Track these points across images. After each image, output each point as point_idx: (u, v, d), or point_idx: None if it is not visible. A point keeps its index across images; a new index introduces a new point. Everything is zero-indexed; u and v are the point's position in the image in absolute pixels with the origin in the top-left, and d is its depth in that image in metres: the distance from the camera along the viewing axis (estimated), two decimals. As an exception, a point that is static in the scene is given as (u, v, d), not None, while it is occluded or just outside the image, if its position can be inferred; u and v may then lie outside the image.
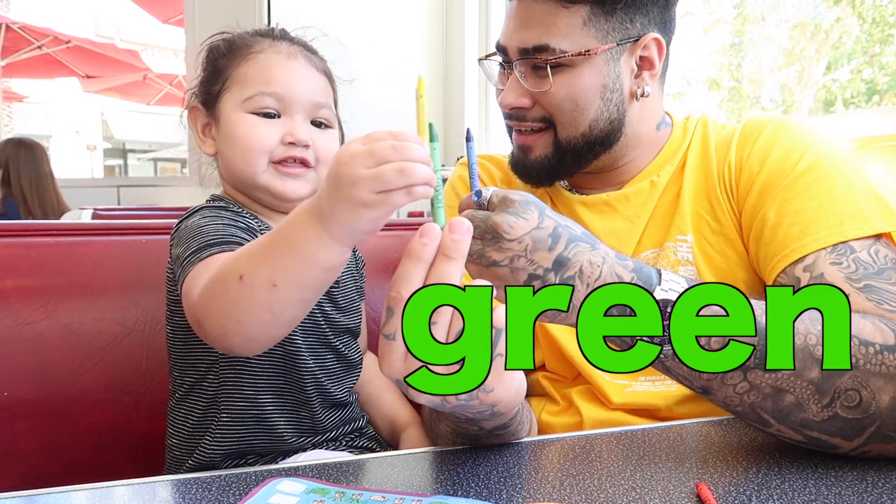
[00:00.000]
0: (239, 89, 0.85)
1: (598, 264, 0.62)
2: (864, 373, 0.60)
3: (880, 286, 0.71)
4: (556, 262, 0.61)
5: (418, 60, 2.53)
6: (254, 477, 0.58)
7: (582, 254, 0.61)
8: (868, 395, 0.59)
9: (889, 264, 0.73)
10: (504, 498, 0.55)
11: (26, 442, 0.97)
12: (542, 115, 0.87)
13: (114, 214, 3.00)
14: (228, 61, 0.87)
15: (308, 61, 0.88)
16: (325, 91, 0.89)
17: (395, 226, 1.33)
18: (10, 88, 10.82)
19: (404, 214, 2.42)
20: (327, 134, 0.87)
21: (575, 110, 0.85)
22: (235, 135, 0.83)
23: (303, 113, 0.85)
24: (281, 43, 0.88)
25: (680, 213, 0.87)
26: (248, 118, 0.83)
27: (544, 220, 0.61)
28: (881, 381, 0.60)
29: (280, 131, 0.83)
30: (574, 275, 0.61)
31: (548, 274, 0.60)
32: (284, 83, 0.84)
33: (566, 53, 0.82)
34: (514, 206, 0.60)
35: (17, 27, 6.33)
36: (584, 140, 0.87)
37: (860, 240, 0.75)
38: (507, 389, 0.56)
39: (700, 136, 0.92)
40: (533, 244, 0.60)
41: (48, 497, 0.55)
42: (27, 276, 1.00)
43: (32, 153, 3.39)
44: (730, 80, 2.57)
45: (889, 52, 1.94)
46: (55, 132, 13.60)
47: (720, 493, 0.55)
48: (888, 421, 0.60)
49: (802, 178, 0.80)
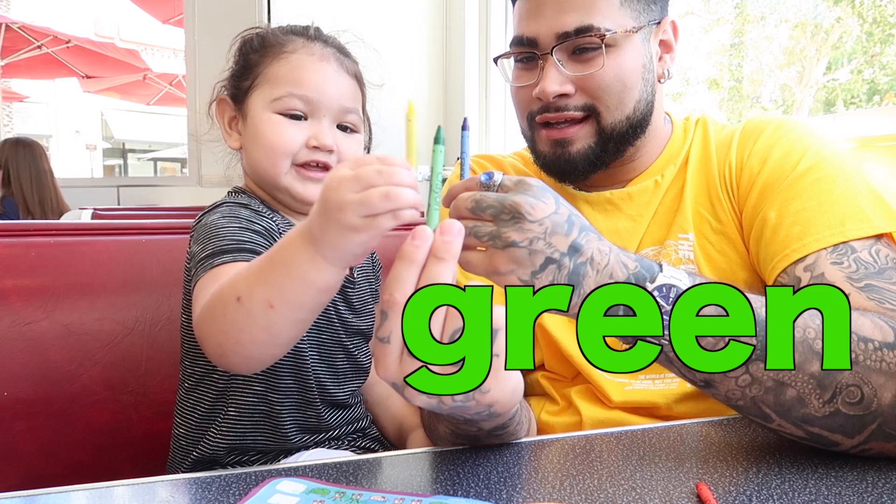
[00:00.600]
0: (269, 88, 0.85)
1: (606, 252, 0.62)
2: (865, 369, 0.60)
3: (882, 286, 0.71)
4: (572, 248, 0.60)
5: (418, 61, 2.53)
6: (254, 477, 0.58)
7: (592, 242, 0.62)
8: (870, 391, 0.59)
9: (890, 264, 0.73)
10: (504, 498, 0.54)
11: (26, 442, 0.97)
12: (585, 102, 0.85)
13: (114, 214, 3.00)
14: (261, 57, 0.87)
15: (340, 65, 0.88)
16: (354, 95, 0.89)
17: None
18: (10, 88, 10.83)
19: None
20: (352, 139, 0.88)
21: (623, 91, 0.84)
22: (262, 134, 0.84)
23: (330, 117, 0.85)
24: (315, 44, 0.88)
25: (682, 211, 0.87)
26: (275, 118, 0.83)
27: (560, 206, 0.61)
28: (882, 379, 0.60)
29: (306, 134, 0.83)
30: (586, 261, 0.61)
31: (563, 258, 0.60)
32: (314, 86, 0.84)
33: (612, 31, 0.82)
34: (532, 190, 0.60)
35: (17, 27, 6.33)
36: (628, 124, 0.86)
37: (861, 240, 0.75)
38: (504, 390, 0.56)
39: (701, 135, 0.92)
40: (552, 227, 0.59)
41: (48, 497, 0.55)
42: (27, 276, 1.00)
43: (31, 151, 3.39)
44: (730, 80, 2.57)
45: (889, 52, 1.94)
46: (55, 132, 13.60)
47: (720, 493, 0.55)
48: (889, 419, 0.59)
49: (803, 179, 0.80)
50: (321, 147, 0.83)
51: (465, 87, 2.42)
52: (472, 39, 2.42)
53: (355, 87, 0.89)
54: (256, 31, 0.90)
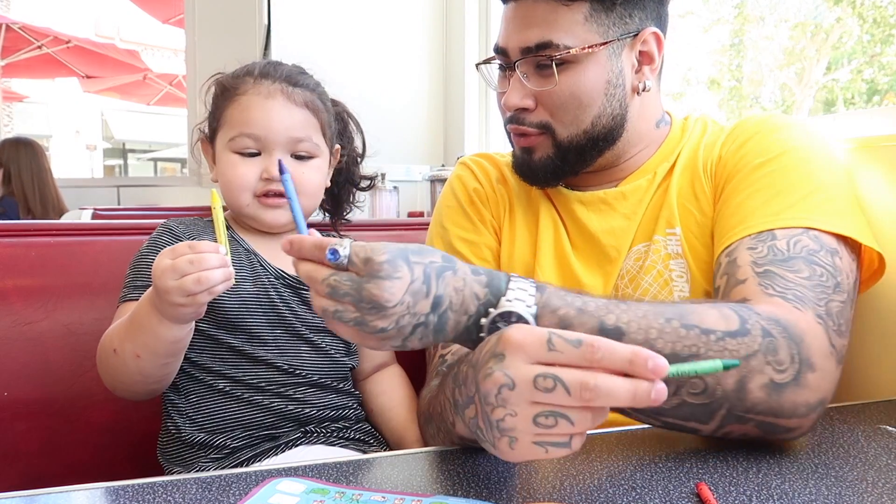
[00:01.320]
0: (227, 129, 0.94)
1: (461, 289, 0.61)
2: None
3: (778, 272, 0.71)
4: (434, 305, 0.60)
5: (418, 61, 2.53)
6: (254, 477, 0.58)
7: (448, 285, 0.61)
8: (712, 381, 0.61)
9: (803, 254, 0.72)
10: (504, 498, 0.55)
11: (26, 442, 0.97)
12: (541, 119, 0.87)
13: (114, 214, 3.00)
14: (221, 101, 0.96)
15: (287, 98, 0.93)
16: (305, 124, 0.94)
17: (395, 226, 1.34)
18: (10, 88, 10.83)
19: (404, 214, 2.42)
20: (307, 165, 0.95)
21: (578, 108, 0.85)
22: (223, 171, 0.94)
23: (280, 149, 0.92)
24: (263, 82, 0.93)
25: (668, 206, 0.88)
26: (232, 158, 0.93)
27: (414, 269, 0.59)
28: None
29: (259, 168, 0.92)
30: (446, 308, 0.61)
31: (428, 317, 0.60)
32: (261, 124, 0.91)
33: (570, 49, 0.82)
34: (383, 269, 0.57)
35: (17, 27, 6.33)
36: (586, 137, 0.86)
37: (787, 229, 0.75)
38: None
39: (698, 133, 0.92)
40: (413, 299, 0.58)
41: (48, 497, 0.55)
42: (27, 276, 1.00)
43: (32, 150, 3.42)
44: (730, 80, 2.57)
45: (889, 52, 1.94)
46: (55, 132, 13.59)
47: (720, 493, 0.55)
48: (736, 403, 0.61)
49: (759, 170, 0.81)
50: (272, 179, 0.91)
51: (465, 87, 2.42)
52: (472, 39, 2.42)
53: (306, 115, 0.94)
54: (217, 78, 0.98)
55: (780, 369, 0.62)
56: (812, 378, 0.63)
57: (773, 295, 0.68)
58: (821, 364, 0.64)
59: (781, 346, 0.62)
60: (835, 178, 0.80)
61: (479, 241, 0.96)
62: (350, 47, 2.39)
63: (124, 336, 0.79)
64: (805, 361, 0.63)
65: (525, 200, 0.98)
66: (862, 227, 0.77)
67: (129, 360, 0.79)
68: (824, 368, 0.64)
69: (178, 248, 0.71)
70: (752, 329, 0.63)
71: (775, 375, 0.61)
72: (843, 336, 0.69)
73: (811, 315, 0.67)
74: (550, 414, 0.49)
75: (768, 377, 0.61)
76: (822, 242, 0.73)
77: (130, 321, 0.78)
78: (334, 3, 2.34)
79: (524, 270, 0.94)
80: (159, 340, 0.77)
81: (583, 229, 0.92)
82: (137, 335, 0.77)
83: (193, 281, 0.69)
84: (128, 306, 0.86)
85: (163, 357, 0.79)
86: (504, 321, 0.60)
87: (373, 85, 2.44)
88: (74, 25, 11.33)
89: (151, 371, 0.80)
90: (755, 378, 0.61)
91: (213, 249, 0.70)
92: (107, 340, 0.82)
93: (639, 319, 0.62)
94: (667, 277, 0.85)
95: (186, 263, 0.69)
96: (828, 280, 0.70)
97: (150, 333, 0.76)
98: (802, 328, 0.65)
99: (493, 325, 0.60)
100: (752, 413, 0.62)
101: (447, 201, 1.01)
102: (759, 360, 0.61)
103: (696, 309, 0.64)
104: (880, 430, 0.70)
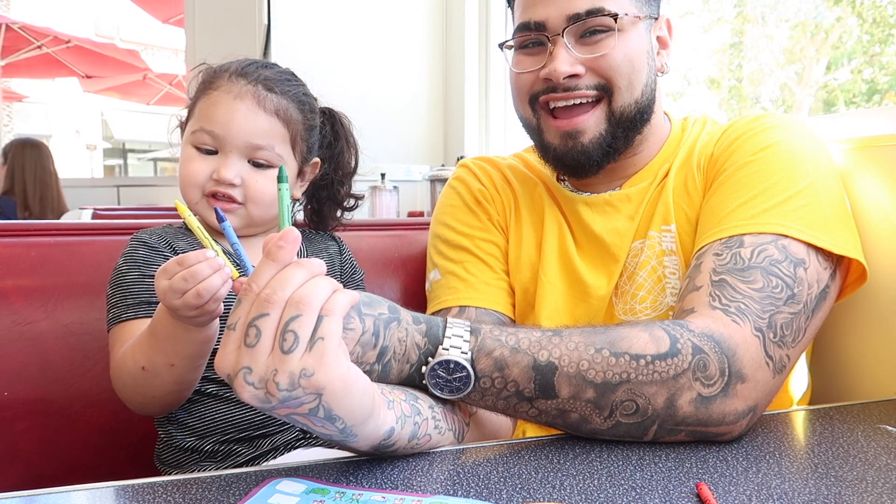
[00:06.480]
0: (192, 122, 0.92)
1: (404, 339, 0.65)
2: (637, 384, 0.65)
3: (731, 282, 0.72)
4: (380, 355, 0.63)
5: (418, 61, 2.53)
6: (254, 477, 0.58)
7: (393, 335, 0.64)
8: (643, 402, 0.65)
9: (764, 264, 0.73)
10: (504, 498, 0.55)
11: (26, 442, 0.97)
12: (597, 81, 0.86)
13: (114, 214, 3.01)
14: (198, 92, 0.93)
15: (257, 102, 0.89)
16: (268, 133, 0.90)
17: (395, 225, 1.33)
18: (10, 88, 10.82)
19: (404, 214, 2.42)
20: (263, 174, 0.91)
21: (632, 72, 0.86)
22: (180, 164, 0.92)
23: (237, 153, 0.89)
24: (236, 82, 0.90)
25: (664, 202, 0.89)
26: (190, 151, 0.91)
27: (364, 320, 0.61)
28: (654, 388, 0.65)
29: (212, 167, 0.89)
30: (390, 358, 0.64)
31: (374, 366, 0.63)
32: (222, 123, 0.89)
33: (625, 14, 0.84)
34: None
35: (17, 27, 6.33)
36: (636, 108, 0.87)
37: (758, 235, 0.75)
38: (330, 374, 0.51)
39: (696, 132, 0.93)
40: (363, 350, 0.62)
41: (48, 497, 0.55)
42: (27, 276, 1.00)
43: (38, 152, 3.49)
44: (730, 80, 2.57)
45: (889, 52, 1.94)
46: (55, 132, 13.58)
47: (720, 493, 0.55)
48: (667, 419, 0.65)
49: (742, 170, 0.81)
50: (221, 181, 0.89)
51: (465, 87, 2.42)
52: (472, 38, 2.41)
53: (273, 124, 0.90)
54: (201, 69, 0.95)
55: (708, 383, 0.65)
56: (742, 388, 0.66)
57: (717, 308, 0.71)
58: (752, 374, 0.67)
59: (711, 361, 0.66)
60: (820, 178, 0.79)
61: (487, 238, 0.97)
62: (350, 47, 2.39)
63: (151, 351, 0.77)
64: (736, 373, 0.66)
65: (529, 202, 0.98)
66: (840, 235, 0.77)
67: (163, 372, 0.77)
68: (756, 378, 0.67)
69: (169, 268, 0.70)
70: (683, 348, 0.66)
71: (703, 390, 0.65)
72: (785, 346, 0.70)
73: (748, 328, 0.69)
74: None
75: (696, 392, 0.65)
76: (788, 252, 0.74)
77: (152, 336, 0.77)
78: (334, 3, 2.34)
79: (531, 271, 0.95)
80: (192, 344, 0.76)
81: (587, 230, 0.92)
82: (166, 346, 0.76)
83: (194, 295, 0.69)
84: (124, 327, 0.85)
85: (198, 359, 0.79)
86: (443, 368, 0.65)
87: (373, 85, 2.43)
88: (74, 25, 11.31)
89: (188, 376, 0.80)
90: (684, 395, 0.65)
91: (202, 258, 0.69)
92: (129, 361, 0.79)
93: (570, 353, 0.65)
94: (660, 274, 0.86)
95: (181, 281, 0.69)
96: (781, 292, 0.71)
97: (181, 341, 0.75)
98: (736, 341, 0.67)
99: (433, 372, 0.65)
100: (682, 425, 0.65)
101: (450, 201, 1.01)
102: (688, 378, 0.65)
103: (627, 335, 0.67)
104: (880, 430, 0.70)
